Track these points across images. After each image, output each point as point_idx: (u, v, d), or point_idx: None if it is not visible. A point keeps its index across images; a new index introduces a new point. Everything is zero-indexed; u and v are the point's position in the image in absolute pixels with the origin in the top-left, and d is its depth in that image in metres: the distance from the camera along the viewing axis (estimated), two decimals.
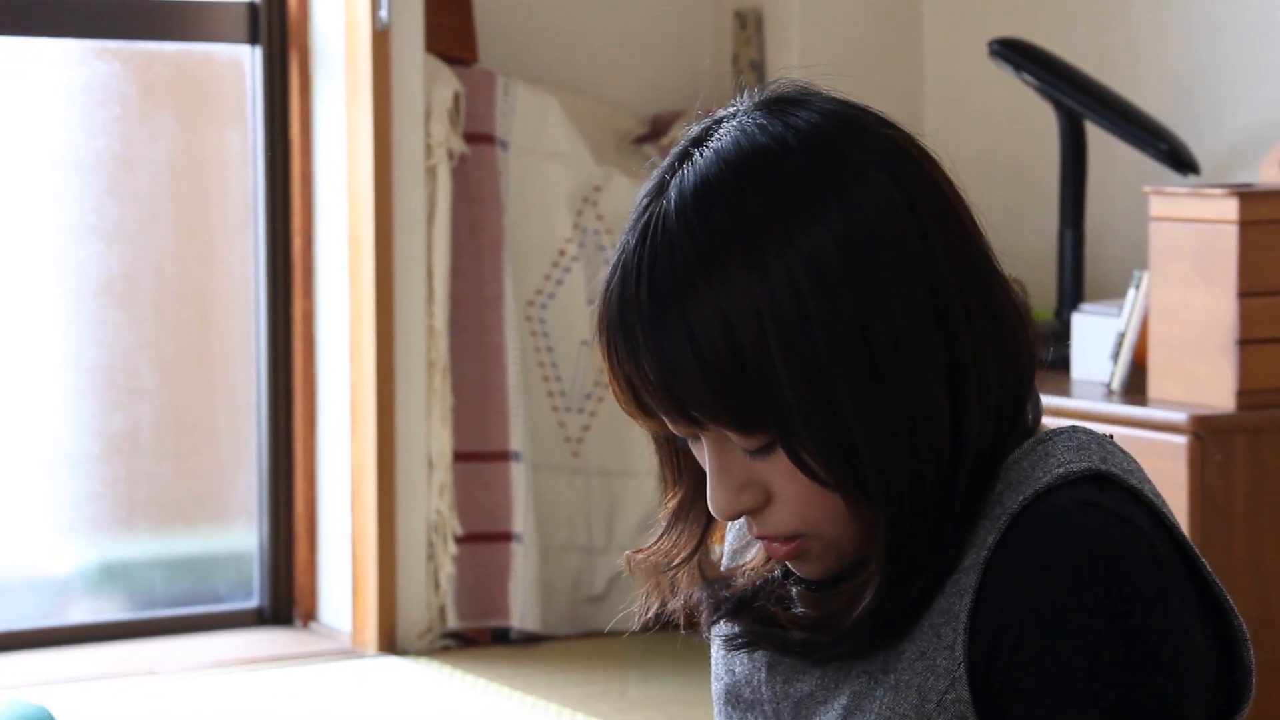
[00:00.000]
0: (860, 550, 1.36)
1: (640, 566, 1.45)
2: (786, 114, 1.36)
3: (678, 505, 1.44)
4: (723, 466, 1.35)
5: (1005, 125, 4.73)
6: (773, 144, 1.34)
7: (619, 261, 1.35)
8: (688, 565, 1.44)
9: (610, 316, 1.34)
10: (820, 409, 1.30)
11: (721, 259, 1.31)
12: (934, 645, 1.33)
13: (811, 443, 1.31)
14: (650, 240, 1.33)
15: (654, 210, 1.34)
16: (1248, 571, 3.58)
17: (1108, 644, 1.28)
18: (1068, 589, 1.29)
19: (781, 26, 5.02)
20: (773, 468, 1.34)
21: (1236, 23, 4.33)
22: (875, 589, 1.33)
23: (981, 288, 1.35)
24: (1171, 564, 1.32)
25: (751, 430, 1.32)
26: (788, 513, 1.35)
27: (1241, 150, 4.29)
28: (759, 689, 1.43)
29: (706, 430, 1.35)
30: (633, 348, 1.33)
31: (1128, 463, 1.37)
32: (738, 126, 1.36)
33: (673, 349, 1.31)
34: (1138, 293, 3.93)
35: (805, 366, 1.30)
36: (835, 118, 1.36)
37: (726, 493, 1.35)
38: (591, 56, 5.13)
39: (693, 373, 1.31)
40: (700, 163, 1.35)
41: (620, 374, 1.35)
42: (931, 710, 1.32)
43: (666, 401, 1.33)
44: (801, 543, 1.36)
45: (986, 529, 1.33)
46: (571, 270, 5.01)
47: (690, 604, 1.46)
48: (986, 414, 1.34)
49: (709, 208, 1.32)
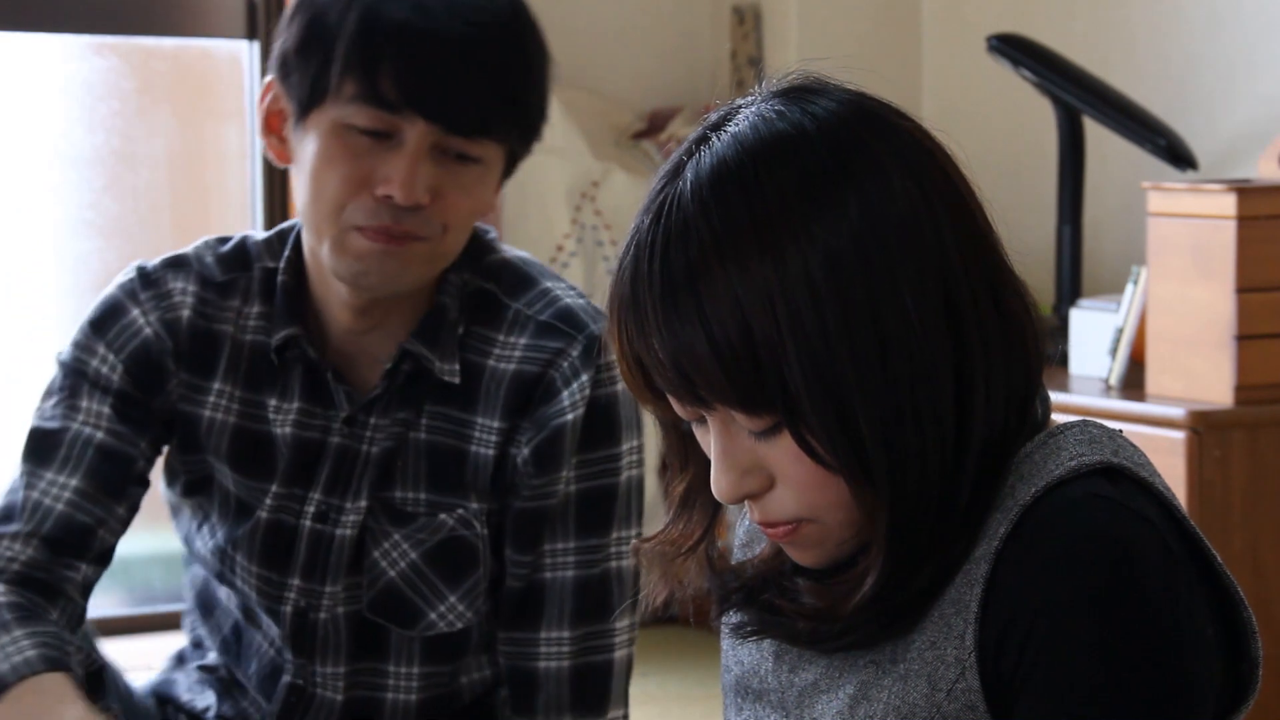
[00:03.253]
0: (860, 538, 1.36)
1: (648, 555, 1.46)
2: (805, 101, 1.37)
3: (685, 492, 1.44)
4: (727, 449, 1.36)
5: (1003, 121, 4.73)
6: (791, 130, 1.34)
7: (632, 241, 1.35)
8: (695, 553, 1.44)
9: (622, 295, 1.35)
10: (828, 392, 1.31)
11: (738, 246, 1.32)
12: (944, 635, 1.34)
13: (818, 425, 1.32)
14: (665, 221, 1.34)
15: (669, 192, 1.35)
16: (1245, 566, 3.59)
17: (1117, 635, 1.29)
18: (1078, 580, 1.29)
19: (780, 22, 5.02)
20: (778, 451, 1.35)
21: (1233, 18, 4.33)
22: (876, 576, 1.34)
23: (991, 283, 1.36)
24: (1181, 556, 1.32)
25: (758, 411, 1.33)
26: (790, 497, 1.36)
27: (1239, 145, 4.29)
28: (766, 679, 1.44)
29: (713, 412, 1.35)
30: (644, 327, 1.33)
31: (1138, 456, 1.38)
32: (756, 113, 1.36)
33: (684, 329, 1.32)
34: (1136, 288, 3.93)
35: (815, 350, 1.31)
36: (853, 107, 1.37)
37: (730, 475, 1.36)
38: (589, 51, 5.13)
39: (703, 353, 1.32)
40: (718, 146, 1.35)
41: (630, 353, 1.35)
42: (942, 699, 1.33)
43: (676, 381, 1.33)
44: (800, 527, 1.37)
45: (998, 520, 1.33)
46: (570, 265, 5.01)
47: (699, 595, 1.46)
48: (993, 406, 1.35)
49: (726, 193, 1.33)
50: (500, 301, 2.05)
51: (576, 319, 2.03)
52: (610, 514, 2.03)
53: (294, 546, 2.05)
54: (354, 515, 2.03)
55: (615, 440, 2.02)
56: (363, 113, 1.93)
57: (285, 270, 2.06)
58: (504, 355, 2.02)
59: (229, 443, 2.07)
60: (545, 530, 2.02)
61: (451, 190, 1.96)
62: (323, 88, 1.94)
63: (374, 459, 2.03)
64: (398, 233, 1.94)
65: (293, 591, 2.04)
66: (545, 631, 2.02)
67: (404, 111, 1.92)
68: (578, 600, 2.02)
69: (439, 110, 1.93)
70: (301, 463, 2.05)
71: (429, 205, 1.95)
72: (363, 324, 2.03)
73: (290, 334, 2.04)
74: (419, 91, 1.92)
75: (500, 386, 2.02)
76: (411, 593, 2.03)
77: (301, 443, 2.05)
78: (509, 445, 2.01)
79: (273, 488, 2.06)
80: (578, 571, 2.02)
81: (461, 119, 1.94)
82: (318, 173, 1.96)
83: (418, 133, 1.93)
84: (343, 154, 1.94)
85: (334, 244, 1.96)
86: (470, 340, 2.03)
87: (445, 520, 2.02)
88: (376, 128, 1.93)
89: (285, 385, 2.06)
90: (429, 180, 1.94)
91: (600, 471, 2.02)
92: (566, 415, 1.99)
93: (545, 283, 2.06)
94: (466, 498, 2.02)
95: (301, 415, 2.05)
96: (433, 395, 2.03)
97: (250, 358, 2.08)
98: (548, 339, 2.02)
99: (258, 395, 2.07)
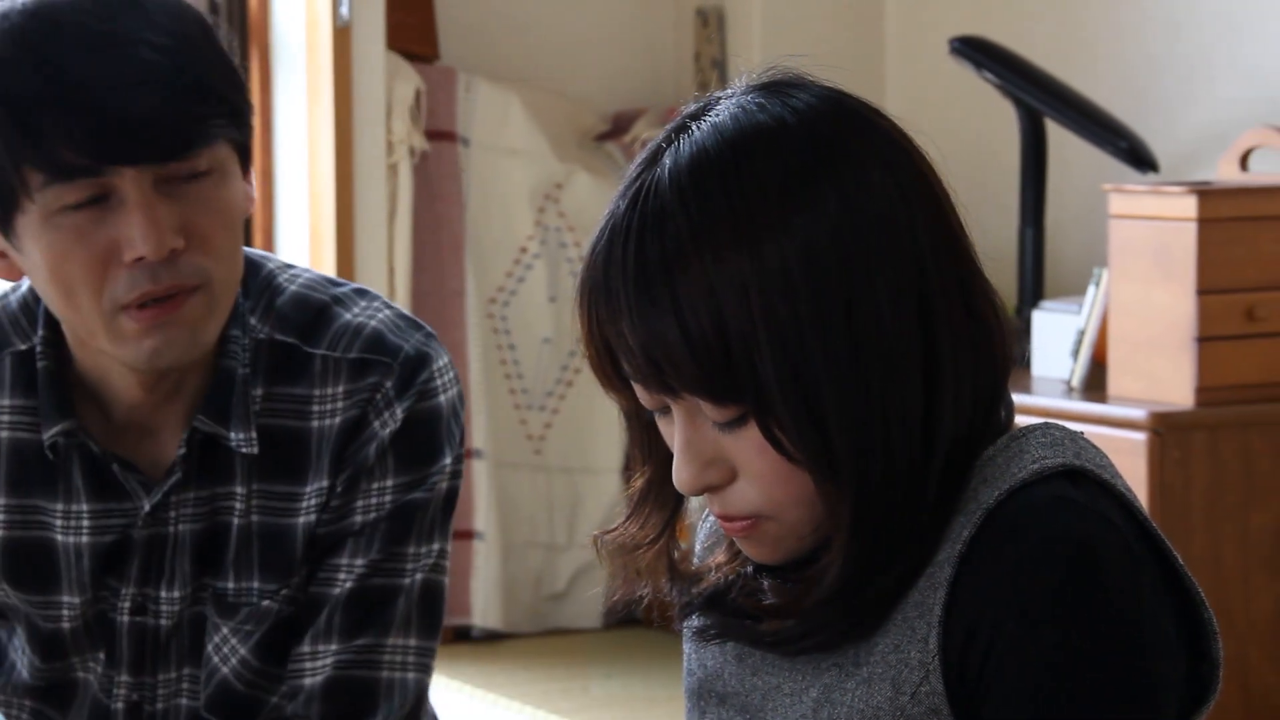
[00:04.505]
0: (818, 535, 1.36)
1: (607, 548, 1.45)
2: (785, 95, 1.37)
3: (645, 485, 1.44)
4: (691, 440, 1.35)
5: (965, 123, 4.74)
6: (772, 123, 1.34)
7: (607, 225, 1.35)
8: (655, 548, 1.44)
9: (594, 280, 1.34)
10: (798, 385, 1.31)
11: (715, 236, 1.31)
12: (908, 638, 1.34)
13: (787, 418, 1.32)
14: (642, 207, 1.33)
15: (647, 178, 1.34)
16: (1206, 567, 3.60)
17: (1081, 635, 1.29)
18: (1042, 582, 1.30)
19: (743, 24, 5.03)
20: (742, 444, 1.34)
21: (1193, 21, 4.35)
22: (837, 572, 1.34)
23: (963, 285, 1.37)
24: (1143, 557, 1.33)
25: (726, 402, 1.33)
26: (752, 491, 1.36)
27: (1200, 148, 4.31)
28: (729, 682, 1.44)
29: (679, 401, 1.35)
30: (615, 312, 1.33)
31: (1100, 458, 1.38)
32: (736, 104, 1.36)
33: (657, 317, 1.32)
34: (1097, 290, 3.94)
35: (787, 342, 1.31)
36: (833, 103, 1.37)
37: (693, 466, 1.36)
38: (553, 53, 5.14)
39: (675, 341, 1.31)
40: (698, 135, 1.35)
41: (598, 338, 1.35)
42: (906, 703, 1.33)
43: (644, 368, 1.33)
44: (758, 523, 1.37)
45: (961, 524, 1.33)
46: (533, 268, 5.01)
47: (661, 598, 1.46)
48: (960, 407, 1.35)
49: (705, 182, 1.33)
50: (303, 353, 1.84)
51: (385, 344, 1.85)
52: (409, 528, 1.86)
53: (115, 642, 1.88)
54: (175, 605, 1.87)
55: (432, 456, 1.86)
56: (66, 190, 1.72)
57: (44, 354, 1.83)
58: (325, 410, 1.84)
59: (3, 561, 1.87)
60: (344, 547, 1.85)
61: (200, 216, 1.75)
62: (11, 194, 1.74)
63: (186, 542, 1.85)
64: (163, 293, 1.74)
65: (122, 688, 1.89)
66: (310, 646, 1.85)
67: (105, 170, 1.71)
68: (349, 613, 1.85)
69: (138, 150, 1.72)
70: (106, 565, 1.86)
71: (185, 247, 1.74)
72: (154, 396, 1.83)
73: (66, 428, 1.82)
74: (106, 145, 1.71)
75: (328, 443, 1.84)
76: (247, 689, 1.88)
77: (103, 549, 1.85)
78: (330, 499, 1.85)
79: (64, 598, 1.87)
80: (355, 584, 1.84)
81: (165, 147, 1.72)
82: (57, 270, 1.74)
83: (131, 180, 1.72)
84: (71, 239, 1.73)
85: (110, 336, 1.76)
86: (279, 405, 1.84)
87: (270, 606, 1.85)
88: (90, 195, 1.72)
89: (67, 486, 1.85)
90: (171, 220, 1.73)
91: (411, 484, 1.85)
92: (375, 438, 1.84)
93: (340, 310, 1.86)
94: (294, 574, 1.86)
95: (96, 518, 1.85)
96: (258, 472, 1.84)
97: (11, 459, 1.86)
98: (362, 377, 1.84)
99: (28, 499, 1.86)
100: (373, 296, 1.89)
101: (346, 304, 1.87)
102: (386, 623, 1.85)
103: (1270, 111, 4.16)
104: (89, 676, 1.91)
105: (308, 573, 1.86)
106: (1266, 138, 3.96)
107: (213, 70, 1.76)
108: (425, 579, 1.86)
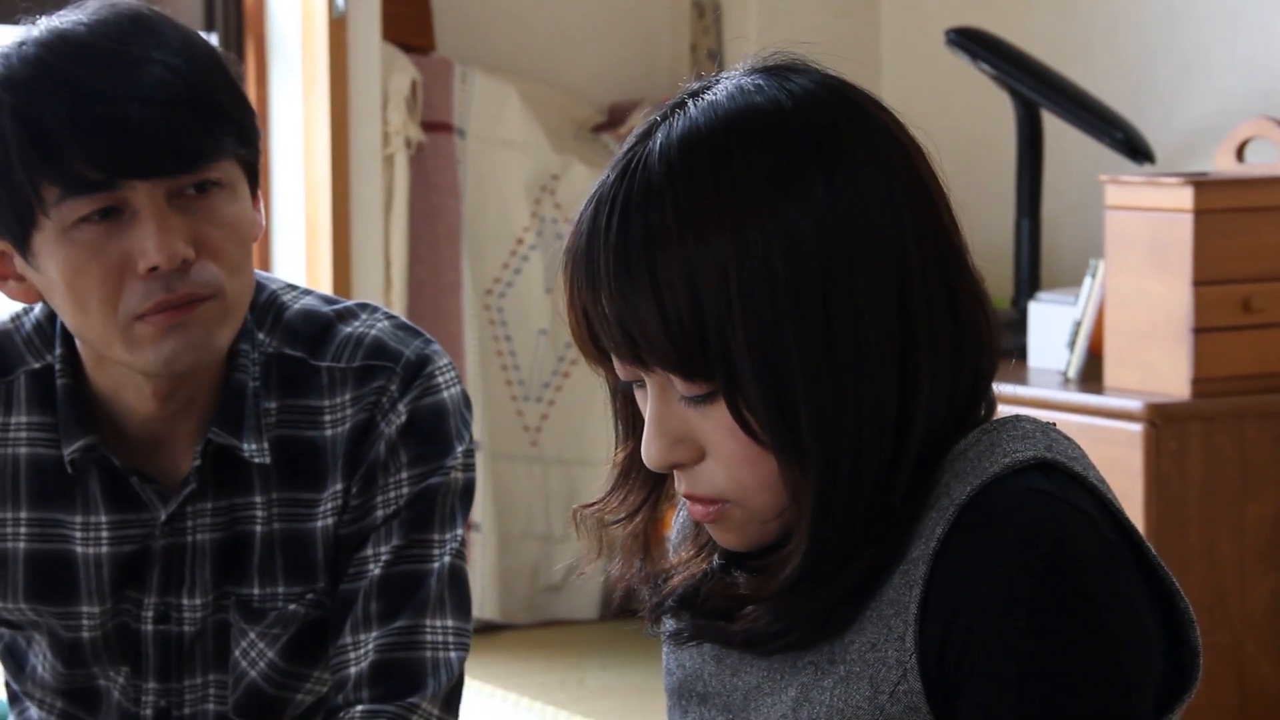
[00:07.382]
0: (785, 523, 1.36)
1: (585, 522, 1.46)
2: (785, 79, 1.37)
3: (626, 460, 1.45)
4: (661, 414, 1.36)
5: (961, 114, 4.74)
6: (768, 106, 1.34)
7: (595, 195, 1.35)
8: (632, 524, 1.44)
9: (578, 248, 1.35)
10: (770, 368, 1.31)
11: (700, 218, 1.32)
12: (884, 637, 1.34)
13: (756, 399, 1.32)
14: (630, 180, 1.33)
15: (639, 151, 1.35)
16: (1201, 558, 3.61)
17: (1058, 627, 1.29)
18: (1017, 575, 1.30)
19: (739, 15, 5.03)
20: (711, 423, 1.35)
21: (1190, 12, 4.35)
22: (801, 560, 1.34)
23: (948, 283, 1.36)
24: (1118, 548, 1.33)
25: (696, 377, 1.33)
26: (719, 472, 1.36)
27: (1196, 139, 4.31)
28: (709, 682, 1.44)
29: (651, 374, 1.35)
30: (594, 283, 1.33)
31: (1072, 449, 1.38)
32: (735, 84, 1.36)
33: (635, 292, 1.32)
34: (1093, 281, 3.94)
35: (763, 328, 1.31)
36: (832, 91, 1.37)
37: (661, 441, 1.36)
38: (549, 45, 5.13)
39: (650, 317, 1.32)
40: (693, 112, 1.35)
41: (577, 304, 1.35)
42: (884, 701, 1.33)
43: (619, 339, 1.34)
44: (723, 508, 1.37)
45: (935, 520, 1.33)
46: (529, 259, 5.01)
47: (629, 583, 1.47)
48: (936, 404, 1.35)
49: (694, 162, 1.33)
50: (310, 366, 1.91)
51: (386, 349, 1.92)
52: (431, 513, 1.92)
53: (140, 650, 1.93)
54: (197, 612, 1.92)
55: (442, 446, 1.91)
56: (81, 203, 1.78)
57: (64, 371, 1.89)
58: (336, 419, 1.91)
59: (25, 574, 1.92)
60: (369, 541, 1.91)
61: (211, 229, 1.82)
62: (28, 209, 1.80)
63: (205, 551, 1.91)
64: (177, 301, 1.80)
65: (150, 694, 1.94)
66: (351, 636, 1.90)
67: (119, 183, 1.78)
68: (382, 599, 1.90)
69: (150, 163, 1.78)
70: (127, 575, 1.91)
71: (196, 257, 1.81)
72: (168, 409, 1.88)
73: (87, 443, 1.87)
74: (120, 158, 1.77)
75: (341, 448, 1.91)
76: (275, 690, 1.94)
77: (122, 559, 1.90)
78: (348, 500, 1.91)
79: (83, 608, 1.92)
80: (384, 571, 1.90)
81: (176, 159, 1.79)
82: (73, 284, 1.81)
83: (144, 193, 1.79)
84: (87, 252, 1.80)
85: (126, 345, 1.81)
86: (293, 417, 1.91)
87: (297, 610, 1.92)
88: (105, 206, 1.79)
89: (85, 498, 1.90)
90: (182, 231, 1.80)
91: (425, 474, 1.91)
92: (384, 437, 1.90)
93: (342, 325, 1.93)
94: (318, 579, 1.92)
95: (114, 529, 1.90)
96: (277, 481, 1.90)
97: (31, 474, 1.91)
98: (367, 382, 1.90)
99: (48, 513, 1.91)
100: (373, 309, 1.96)
101: (348, 318, 1.94)
102: (421, 604, 1.91)
103: (1266, 103, 4.16)
104: (111, 686, 1.96)
105: (337, 574, 1.92)
106: (1263, 129, 3.96)
107: (222, 90, 1.82)
108: (452, 563, 1.92)
